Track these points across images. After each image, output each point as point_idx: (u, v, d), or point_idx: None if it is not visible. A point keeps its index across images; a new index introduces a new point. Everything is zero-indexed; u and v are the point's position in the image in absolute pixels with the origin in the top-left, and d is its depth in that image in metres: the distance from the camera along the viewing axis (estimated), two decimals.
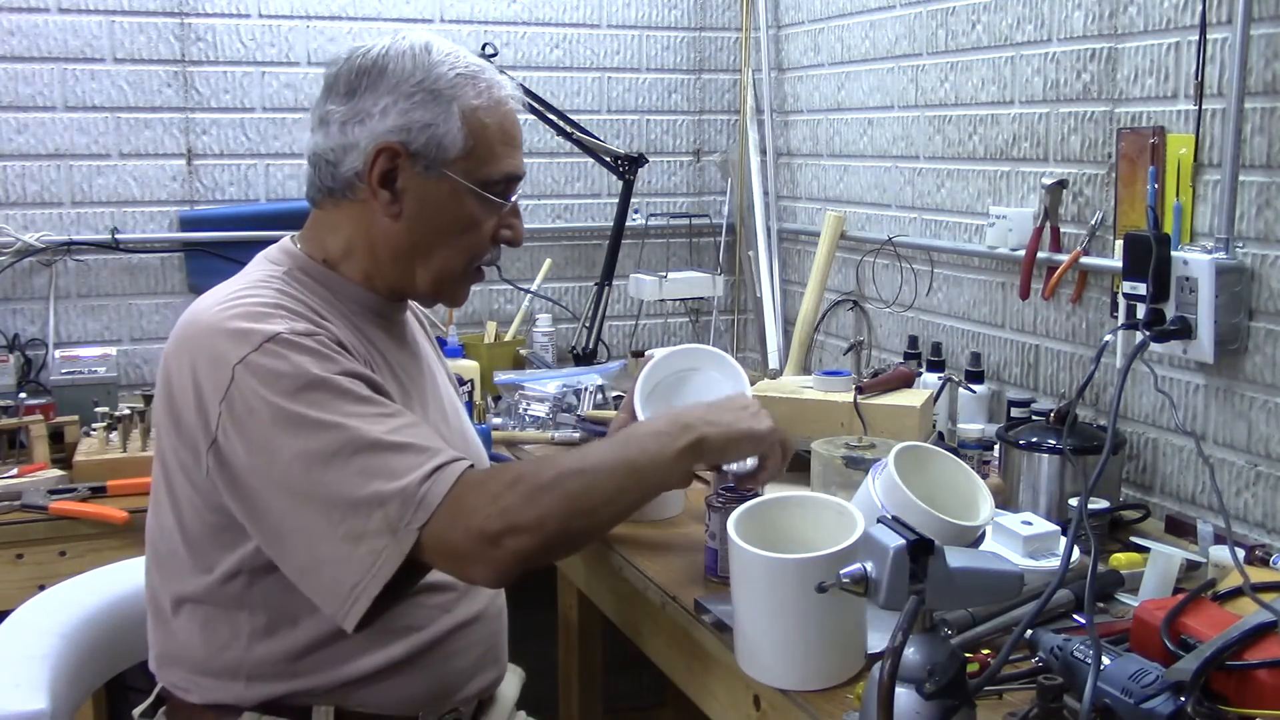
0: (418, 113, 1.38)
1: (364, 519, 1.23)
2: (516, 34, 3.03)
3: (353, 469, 1.24)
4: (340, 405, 1.27)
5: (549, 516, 1.27)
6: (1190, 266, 1.77)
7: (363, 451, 1.24)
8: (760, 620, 1.37)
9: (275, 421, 1.25)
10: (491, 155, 1.43)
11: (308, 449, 1.24)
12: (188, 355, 1.31)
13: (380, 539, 1.23)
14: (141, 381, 2.78)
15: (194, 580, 1.37)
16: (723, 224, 3.24)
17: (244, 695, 1.37)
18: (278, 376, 1.26)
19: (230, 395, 1.26)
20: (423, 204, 1.41)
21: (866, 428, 2.02)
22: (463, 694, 1.50)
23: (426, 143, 1.39)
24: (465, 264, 1.47)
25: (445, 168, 1.40)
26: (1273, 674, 1.17)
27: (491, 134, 1.42)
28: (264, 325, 1.29)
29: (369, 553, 1.23)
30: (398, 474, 1.24)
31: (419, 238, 1.43)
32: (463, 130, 1.39)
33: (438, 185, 1.40)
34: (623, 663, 2.58)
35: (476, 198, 1.43)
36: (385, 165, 1.39)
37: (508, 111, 1.46)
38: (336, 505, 1.24)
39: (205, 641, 1.38)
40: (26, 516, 2.08)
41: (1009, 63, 2.26)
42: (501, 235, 1.48)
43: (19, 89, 2.64)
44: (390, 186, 1.40)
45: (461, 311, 3.03)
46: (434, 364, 1.63)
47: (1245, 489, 1.81)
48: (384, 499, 1.23)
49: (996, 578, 1.17)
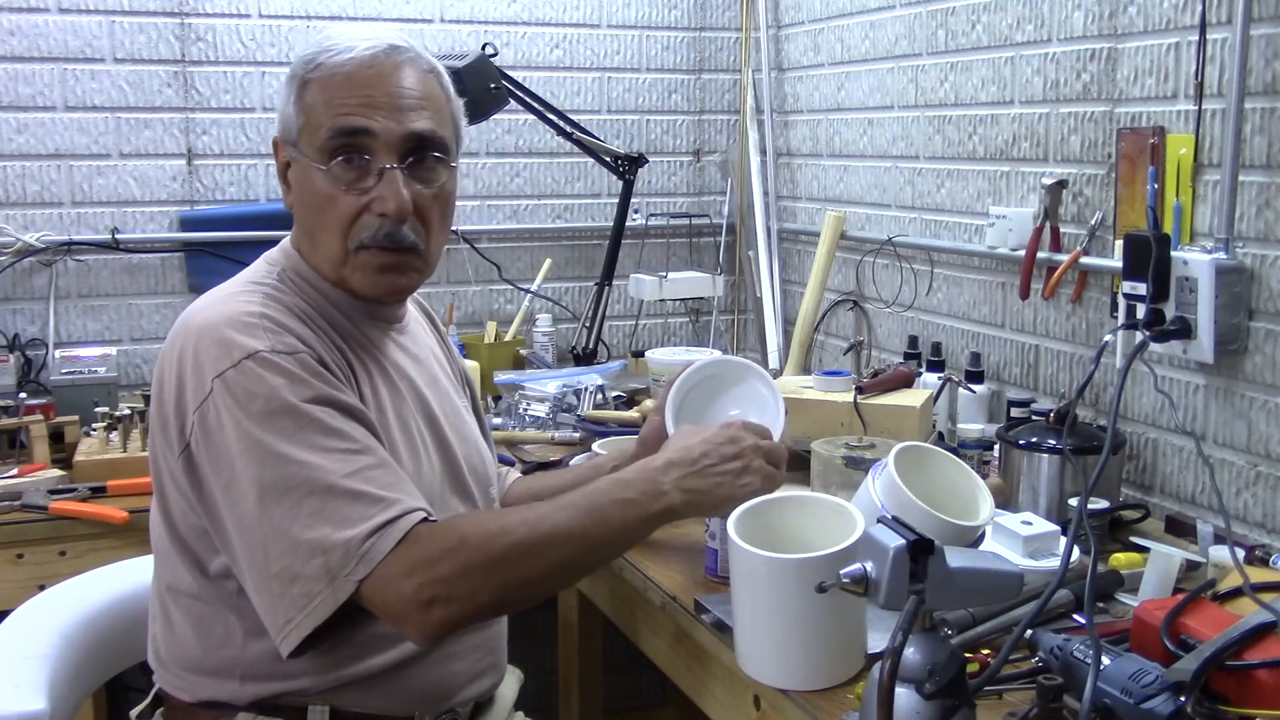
0: (281, 104, 1.43)
1: (303, 562, 1.24)
2: (516, 34, 3.03)
3: (304, 510, 1.24)
4: (305, 437, 1.26)
5: (482, 589, 1.27)
6: (1190, 266, 1.77)
7: (316, 494, 1.25)
8: (761, 620, 1.37)
9: (239, 443, 1.26)
10: (319, 120, 1.38)
11: (263, 479, 1.25)
12: (176, 358, 1.33)
13: (317, 584, 1.24)
14: (141, 381, 2.78)
15: (187, 579, 1.38)
16: (723, 224, 3.24)
17: (239, 694, 1.37)
18: (250, 397, 1.27)
19: (204, 407, 1.28)
20: (298, 189, 1.43)
21: (866, 428, 2.02)
22: (460, 696, 1.49)
23: (284, 129, 1.42)
24: (341, 244, 1.40)
25: (295, 148, 1.41)
26: (1273, 674, 1.17)
27: (319, 99, 1.38)
28: (247, 339, 1.30)
29: (303, 594, 1.24)
30: (346, 523, 1.24)
31: (304, 225, 1.45)
32: (297, 105, 1.40)
33: (299, 167, 1.42)
34: (623, 663, 2.58)
35: (316, 170, 1.38)
36: (281, 160, 1.44)
37: (350, 72, 1.37)
38: (280, 541, 1.24)
39: (199, 640, 1.38)
40: (26, 516, 2.08)
41: (1009, 63, 2.26)
42: (372, 206, 1.38)
43: (19, 89, 2.64)
44: (285, 179, 1.45)
45: (461, 311, 3.03)
46: (437, 365, 1.62)
47: (1245, 489, 1.81)
48: (327, 547, 1.23)
49: (996, 578, 1.17)
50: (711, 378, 1.75)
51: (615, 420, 2.44)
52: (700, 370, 1.74)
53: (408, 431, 1.45)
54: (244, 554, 1.28)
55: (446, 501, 1.48)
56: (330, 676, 1.37)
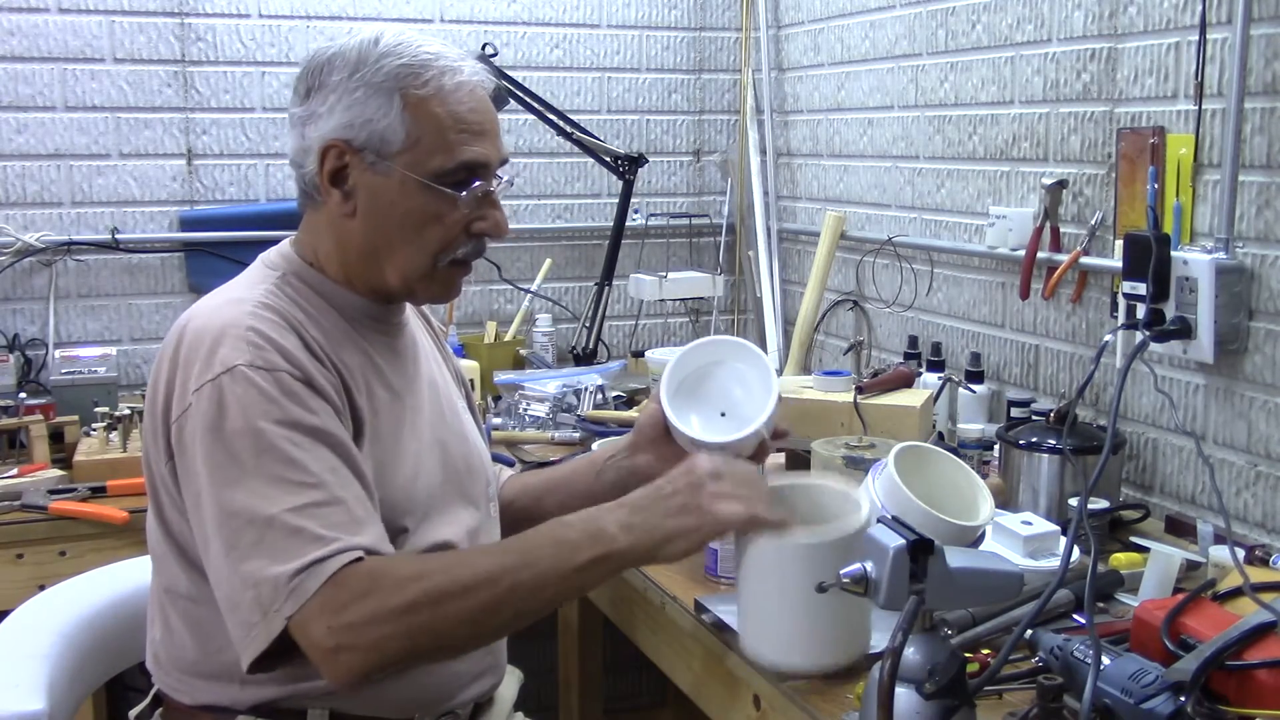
0: (359, 108, 1.36)
1: (239, 591, 1.24)
2: (516, 34, 3.03)
3: (244, 539, 1.24)
4: (261, 464, 1.25)
5: (389, 638, 1.22)
6: (1190, 266, 1.77)
7: (256, 524, 1.24)
8: (770, 605, 1.34)
9: (205, 460, 1.27)
10: (443, 144, 1.37)
11: (220, 499, 1.25)
12: (168, 366, 1.33)
13: (253, 614, 1.23)
14: (141, 381, 2.78)
15: (184, 581, 1.37)
16: (723, 224, 3.24)
17: (238, 698, 1.37)
18: (221, 413, 1.27)
19: (183, 419, 1.29)
20: (375, 200, 1.39)
21: (866, 428, 2.02)
22: (460, 698, 1.49)
23: (369, 137, 1.36)
24: (431, 260, 1.41)
25: (392, 161, 1.37)
26: (1273, 674, 1.17)
27: (442, 122, 1.37)
28: (228, 352, 1.29)
29: (243, 623, 1.24)
30: (279, 558, 1.23)
31: (378, 235, 1.40)
32: (405, 121, 1.36)
33: (388, 180, 1.38)
34: (623, 663, 2.59)
35: (429, 190, 1.38)
36: (334, 164, 1.38)
37: (463, 97, 1.39)
38: (225, 565, 1.25)
39: (198, 644, 1.38)
40: (26, 516, 2.08)
41: (1009, 63, 2.26)
42: (476, 228, 1.41)
43: (19, 89, 2.64)
44: (342, 185, 1.39)
45: (461, 311, 3.03)
46: (434, 365, 1.62)
47: (1245, 489, 1.81)
48: (259, 580, 1.23)
49: (996, 578, 1.17)
50: (707, 360, 1.75)
51: (615, 420, 2.44)
52: (695, 351, 1.74)
53: (408, 433, 1.45)
54: (208, 566, 1.29)
55: (446, 501, 1.48)
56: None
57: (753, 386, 1.69)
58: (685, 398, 1.69)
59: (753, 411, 1.65)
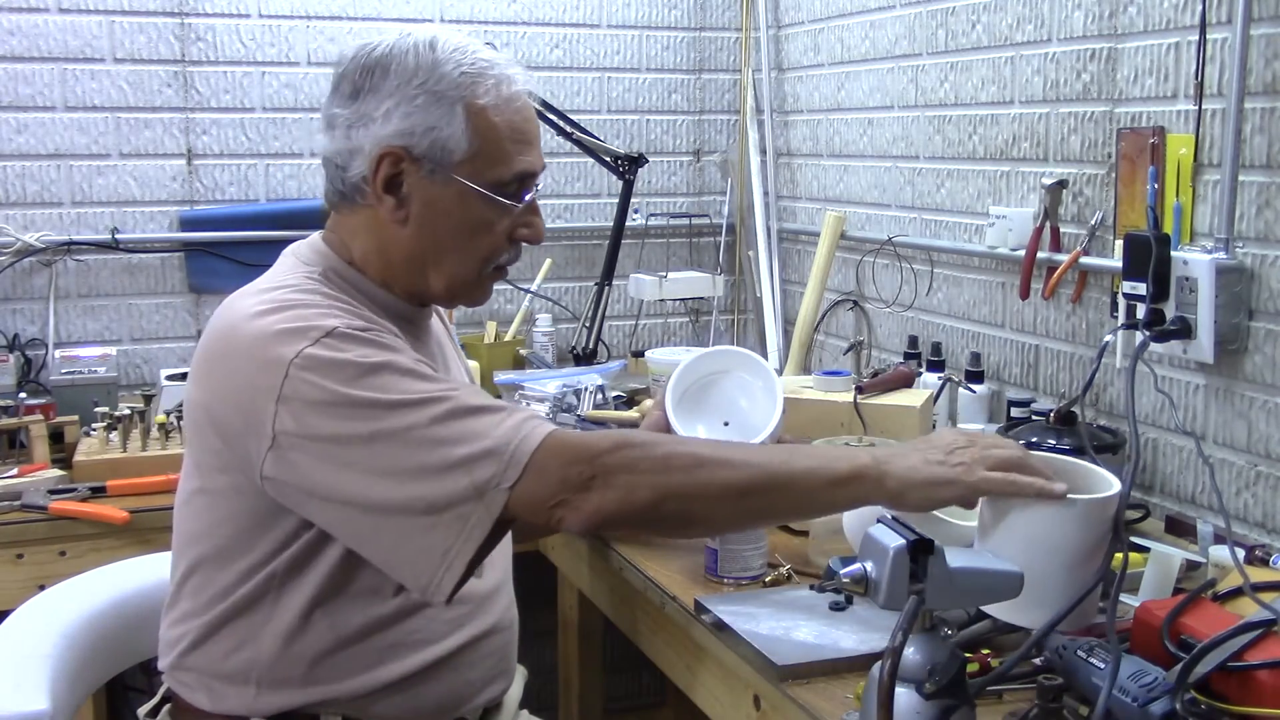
0: (420, 115, 1.34)
1: (449, 486, 1.20)
2: (516, 34, 3.03)
3: (431, 439, 1.21)
4: (409, 384, 1.24)
5: (641, 485, 1.21)
6: (1190, 266, 1.77)
7: (441, 420, 1.22)
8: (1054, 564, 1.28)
9: (340, 409, 1.22)
10: (502, 155, 1.37)
11: (379, 429, 1.21)
12: (233, 360, 1.29)
13: (467, 504, 1.20)
14: (141, 381, 2.78)
15: (213, 583, 1.36)
16: (723, 224, 3.24)
17: (254, 705, 1.36)
18: (340, 366, 1.23)
19: (285, 393, 1.23)
20: (430, 208, 1.37)
21: (866, 428, 2.02)
22: (473, 704, 1.49)
23: (430, 146, 1.34)
24: (480, 266, 1.42)
25: (452, 171, 1.35)
26: (1273, 674, 1.17)
27: (500, 133, 1.37)
28: (319, 321, 1.27)
29: (456, 518, 1.20)
30: (481, 435, 1.21)
31: (429, 242, 1.39)
32: (468, 131, 1.35)
33: (445, 189, 1.36)
34: (623, 663, 2.59)
35: (487, 200, 1.38)
36: (389, 170, 1.35)
37: (519, 107, 1.39)
38: (417, 477, 1.21)
39: (219, 647, 1.37)
40: (26, 516, 2.08)
41: (1009, 63, 2.26)
42: (520, 234, 1.43)
43: (19, 89, 2.64)
44: (396, 191, 1.36)
45: (461, 311, 3.03)
46: (456, 365, 1.63)
47: (1245, 489, 1.81)
48: (469, 461, 1.20)
49: (996, 578, 1.17)
50: (712, 369, 1.75)
51: (615, 420, 2.44)
52: (701, 361, 1.74)
53: None
54: (380, 513, 1.22)
55: None
56: (345, 686, 1.37)
57: (757, 396, 1.69)
58: (690, 407, 1.69)
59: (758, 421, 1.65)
